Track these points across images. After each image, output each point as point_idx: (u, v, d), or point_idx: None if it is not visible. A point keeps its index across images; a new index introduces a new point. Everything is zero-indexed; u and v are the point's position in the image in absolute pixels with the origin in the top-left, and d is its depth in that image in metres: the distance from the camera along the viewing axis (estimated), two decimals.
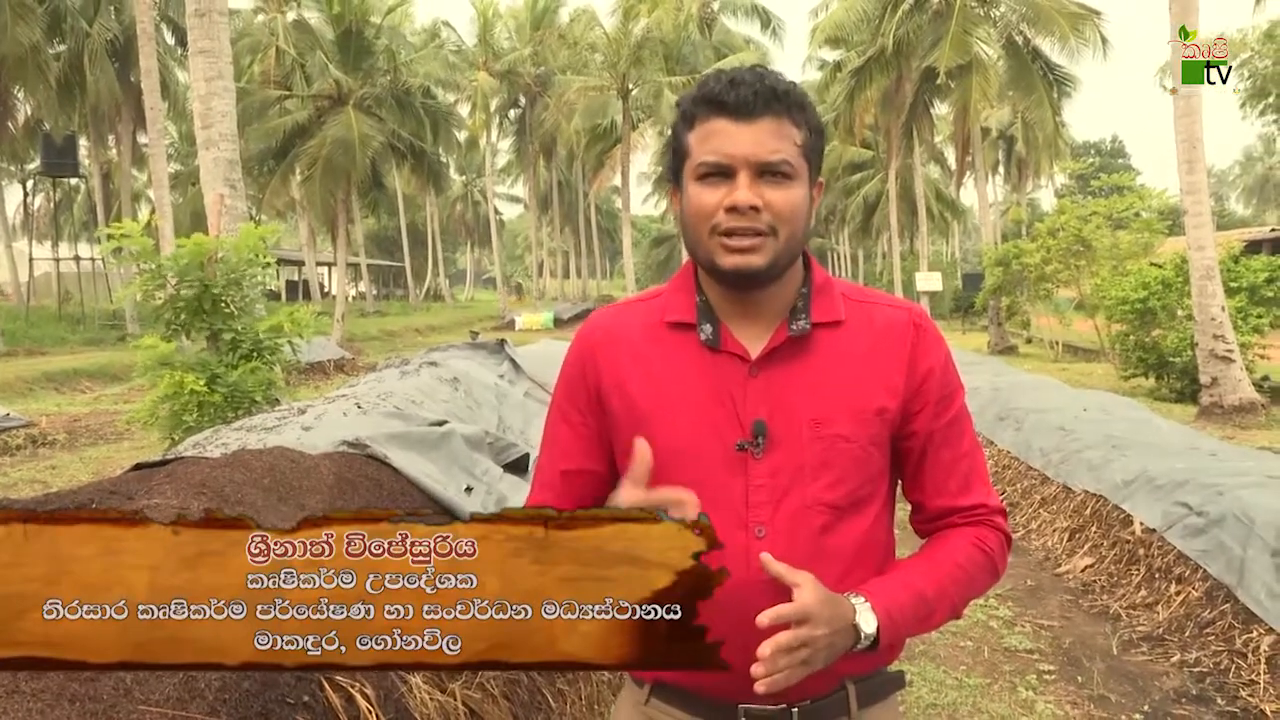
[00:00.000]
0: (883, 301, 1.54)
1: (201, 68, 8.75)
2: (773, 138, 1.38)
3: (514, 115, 50.67)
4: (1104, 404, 9.28)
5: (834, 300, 1.50)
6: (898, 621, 1.38)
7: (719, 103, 1.39)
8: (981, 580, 1.51)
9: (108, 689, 1.71)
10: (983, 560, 1.49)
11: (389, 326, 35.65)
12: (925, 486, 1.53)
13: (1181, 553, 5.47)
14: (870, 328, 1.49)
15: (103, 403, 15.92)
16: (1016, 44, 27.13)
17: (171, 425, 6.03)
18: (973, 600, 1.57)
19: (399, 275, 63.69)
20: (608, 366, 1.53)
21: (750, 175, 1.38)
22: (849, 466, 1.44)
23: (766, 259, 1.39)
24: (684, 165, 1.45)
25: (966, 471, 1.53)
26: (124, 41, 28.01)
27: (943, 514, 1.54)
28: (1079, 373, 18.75)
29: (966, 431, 1.54)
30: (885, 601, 1.37)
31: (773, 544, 1.40)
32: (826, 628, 1.28)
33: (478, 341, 6.55)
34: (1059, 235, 21.22)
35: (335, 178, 29.48)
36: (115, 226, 6.03)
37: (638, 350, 1.52)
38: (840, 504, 1.44)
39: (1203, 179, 13.03)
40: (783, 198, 1.38)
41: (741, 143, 1.38)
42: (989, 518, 1.53)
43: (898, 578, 1.43)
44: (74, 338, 26.84)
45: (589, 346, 1.57)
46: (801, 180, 1.41)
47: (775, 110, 1.39)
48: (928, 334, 1.51)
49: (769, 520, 1.42)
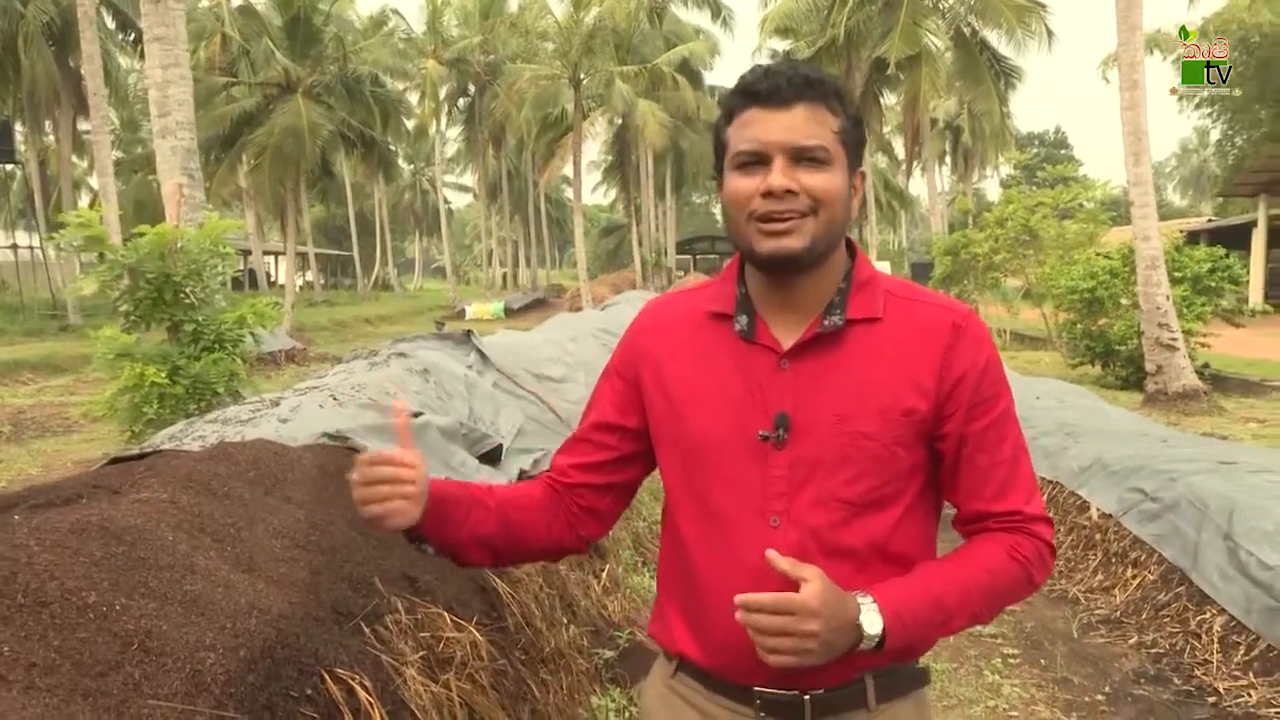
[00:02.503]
0: (929, 300, 1.53)
1: (157, 55, 8.60)
2: (807, 123, 1.40)
3: (463, 104, 50.32)
4: (1056, 392, 9.46)
5: (874, 296, 1.50)
6: (909, 624, 1.37)
7: (753, 93, 1.42)
8: (1014, 589, 1.49)
9: (118, 684, 1.70)
10: (1015, 569, 1.47)
11: (338, 316, 35.24)
12: (960, 490, 1.52)
13: (1137, 537, 5.60)
14: (908, 327, 1.48)
15: (47, 394, 15.59)
16: (965, 35, 27.52)
17: (131, 417, 5.94)
18: (1001, 609, 1.54)
19: (347, 264, 63.01)
20: (650, 354, 1.59)
21: (786, 160, 1.40)
22: (869, 464, 1.44)
23: (804, 241, 1.41)
24: (724, 158, 1.47)
25: (1005, 478, 1.50)
26: (62, 25, 27.36)
27: (977, 518, 1.52)
28: (1027, 360, 19.07)
29: (1008, 437, 1.51)
30: (895, 604, 1.37)
31: (785, 534, 1.43)
32: (820, 624, 1.28)
33: (444, 332, 6.53)
34: (1007, 225, 21.52)
35: (284, 166, 29.14)
36: (73, 215, 5.92)
37: (679, 339, 1.57)
38: (857, 501, 1.44)
39: (1148, 171, 13.30)
40: (819, 182, 1.40)
41: (775, 129, 1.40)
42: (1025, 525, 1.50)
43: (915, 580, 1.43)
44: (13, 328, 26.19)
45: (638, 333, 1.64)
46: (839, 166, 1.43)
47: (809, 97, 1.41)
48: (967, 336, 1.48)
49: (784, 510, 1.44)
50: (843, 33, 28.26)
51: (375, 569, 2.71)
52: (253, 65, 31.36)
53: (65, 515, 2.14)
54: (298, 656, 2.07)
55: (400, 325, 32.78)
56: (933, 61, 26.96)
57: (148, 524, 2.20)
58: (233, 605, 2.07)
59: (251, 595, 2.16)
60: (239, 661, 1.92)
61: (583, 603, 4.41)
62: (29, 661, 1.64)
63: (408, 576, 2.83)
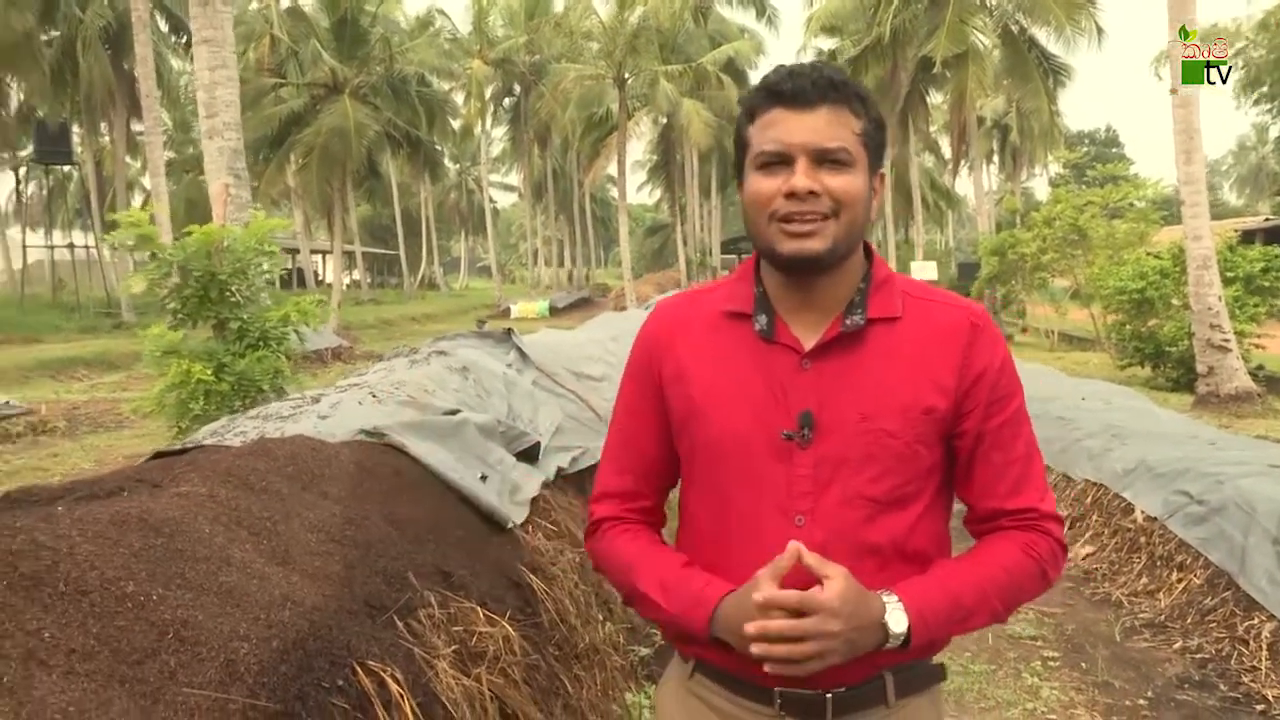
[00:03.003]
0: (944, 300, 1.54)
1: (205, 57, 8.75)
2: (830, 125, 1.41)
3: (509, 103, 50.53)
4: (1103, 393, 9.34)
5: (893, 296, 1.51)
6: (930, 623, 1.39)
7: (777, 93, 1.43)
8: (1029, 586, 1.50)
9: (154, 672, 1.74)
10: (1030, 566, 1.48)
11: (385, 315, 35.60)
12: (975, 488, 1.53)
13: (1183, 541, 5.52)
14: (926, 326, 1.49)
15: (100, 391, 15.91)
16: (1012, 33, 27.17)
17: (178, 413, 6.04)
18: (1018, 607, 1.55)
19: (393, 263, 63.54)
20: (669, 355, 1.59)
21: (809, 162, 1.41)
22: (893, 462, 1.45)
23: (826, 244, 1.42)
24: (745, 157, 1.48)
25: (1019, 475, 1.51)
26: (118, 28, 27.92)
27: (991, 516, 1.53)
28: (1075, 362, 18.82)
29: (1022, 435, 1.52)
30: (918, 602, 1.38)
31: (810, 533, 1.43)
32: (844, 623, 1.29)
33: (484, 331, 6.58)
34: (1055, 224, 21.26)
35: (331, 166, 29.47)
36: (125, 215, 6.04)
37: (697, 339, 1.57)
38: (882, 499, 1.45)
39: (1200, 169, 13.09)
40: (842, 183, 1.41)
41: (799, 130, 1.41)
42: (1039, 523, 1.51)
43: (935, 578, 1.44)
44: (69, 325, 26.79)
45: (653, 335, 1.63)
46: (860, 168, 1.44)
47: (832, 99, 1.42)
48: (984, 335, 1.50)
49: (810, 510, 1.45)
50: (888, 31, 28.05)
51: (409, 563, 2.74)
52: (300, 66, 31.80)
53: (106, 507, 2.19)
54: (330, 648, 2.11)
55: (445, 324, 33.04)
56: (979, 60, 26.65)
57: (185, 517, 2.24)
58: (267, 597, 2.10)
59: (285, 588, 2.19)
60: (272, 652, 1.95)
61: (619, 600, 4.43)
62: (69, 648, 1.68)
63: (442, 571, 2.86)
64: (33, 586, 1.77)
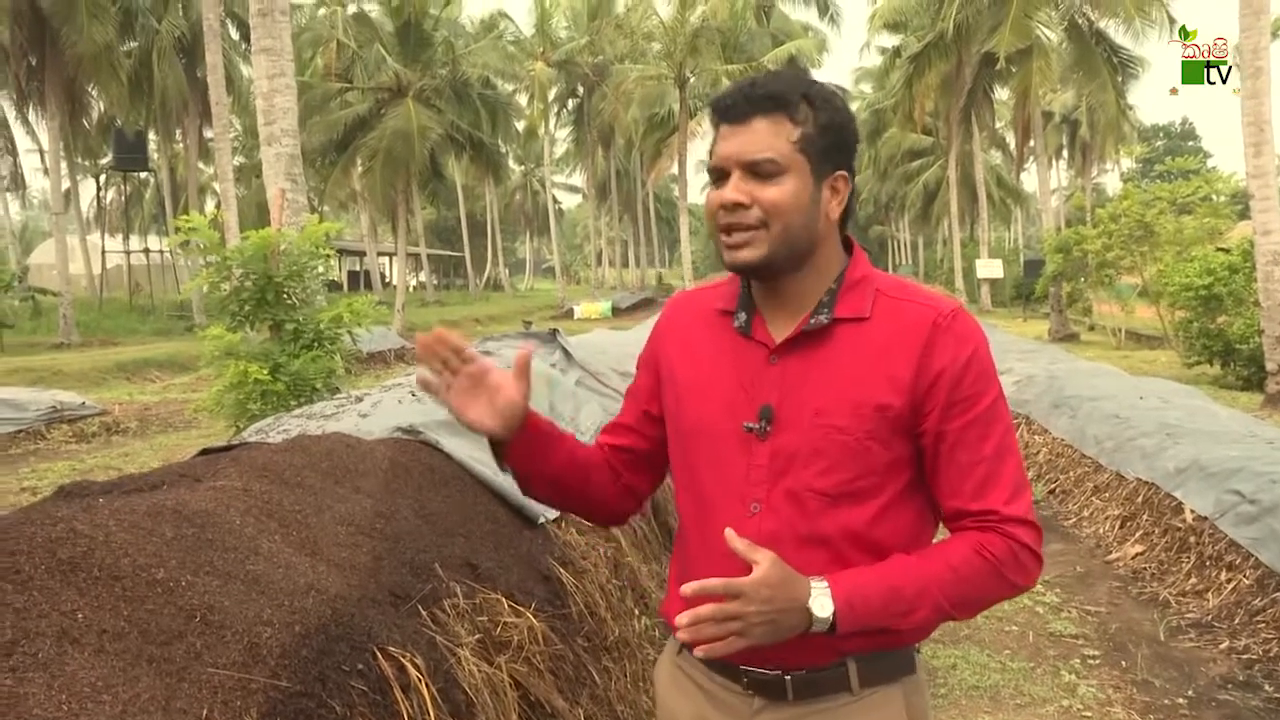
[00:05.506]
0: (917, 299, 1.54)
1: (264, 66, 9.00)
2: (762, 136, 1.48)
3: (572, 105, 50.80)
4: (1162, 392, 9.19)
5: (863, 297, 1.54)
6: (859, 610, 1.40)
7: (718, 110, 1.53)
8: (983, 586, 1.48)
9: (180, 652, 1.86)
10: (982, 566, 1.46)
11: (449, 316, 36.03)
12: (940, 487, 1.53)
13: (1233, 540, 5.44)
14: (893, 325, 1.51)
15: (171, 392, 16.39)
16: (1079, 27, 26.64)
17: (237, 413, 6.24)
18: (979, 608, 1.54)
19: (459, 265, 64.28)
20: (668, 342, 1.72)
21: (740, 174, 1.49)
22: (841, 457, 1.48)
23: (758, 253, 1.49)
24: None
25: (984, 476, 1.49)
26: (191, 38, 28.62)
27: (955, 516, 1.53)
28: (1142, 360, 18.46)
29: (992, 436, 1.49)
30: (847, 590, 1.40)
31: (763, 521, 1.51)
32: (766, 605, 1.33)
33: (530, 331, 6.70)
34: (1121, 221, 20.85)
35: (395, 169, 29.90)
36: (183, 220, 6.26)
37: (691, 331, 1.69)
38: (831, 492, 1.49)
39: (1270, 162, 12.79)
40: (771, 194, 1.47)
41: (731, 144, 1.50)
42: (999, 525, 1.47)
43: (876, 570, 1.45)
44: (144, 328, 27.60)
45: (660, 328, 1.77)
46: (794, 174, 1.48)
47: (766, 109, 1.48)
48: (948, 334, 1.49)
49: (764, 498, 1.52)
50: (952, 26, 27.75)
51: (437, 555, 2.84)
52: (366, 70, 32.32)
53: (145, 499, 2.32)
54: (351, 634, 2.21)
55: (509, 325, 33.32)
56: (1045, 55, 26.22)
57: (218, 509, 2.36)
58: (292, 585, 2.22)
59: (311, 576, 2.31)
60: (294, 636, 2.06)
61: (657, 595, 4.50)
62: (100, 628, 1.80)
63: (469, 563, 2.96)
64: (69, 571, 1.89)
